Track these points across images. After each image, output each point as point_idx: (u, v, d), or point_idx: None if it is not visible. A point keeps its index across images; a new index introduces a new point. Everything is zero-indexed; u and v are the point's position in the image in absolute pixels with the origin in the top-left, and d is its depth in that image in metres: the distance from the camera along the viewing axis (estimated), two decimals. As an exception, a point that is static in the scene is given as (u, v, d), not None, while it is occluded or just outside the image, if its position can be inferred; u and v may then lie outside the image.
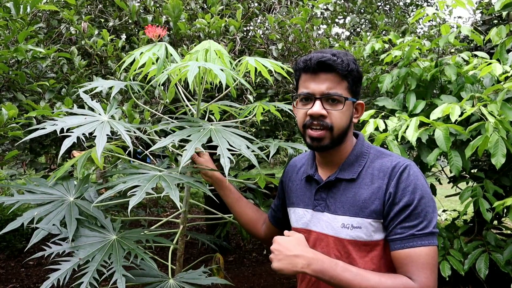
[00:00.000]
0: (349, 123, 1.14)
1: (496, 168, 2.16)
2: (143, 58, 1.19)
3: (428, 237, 1.05)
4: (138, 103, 1.48)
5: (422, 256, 1.04)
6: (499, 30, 2.43)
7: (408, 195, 1.07)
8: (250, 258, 4.85)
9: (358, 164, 1.15)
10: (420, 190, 1.08)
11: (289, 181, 1.32)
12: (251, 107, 1.51)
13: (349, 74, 1.10)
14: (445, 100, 2.49)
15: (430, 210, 1.07)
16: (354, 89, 1.14)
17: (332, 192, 1.16)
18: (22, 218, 1.16)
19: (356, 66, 1.12)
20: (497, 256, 2.61)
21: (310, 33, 2.76)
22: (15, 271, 4.46)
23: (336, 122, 1.11)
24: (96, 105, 1.29)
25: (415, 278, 1.03)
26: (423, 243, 1.04)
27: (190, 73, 1.09)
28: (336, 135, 1.12)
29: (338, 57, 1.09)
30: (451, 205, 6.89)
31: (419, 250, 1.04)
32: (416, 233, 1.05)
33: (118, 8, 2.73)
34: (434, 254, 1.06)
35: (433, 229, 1.07)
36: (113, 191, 1.08)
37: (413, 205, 1.06)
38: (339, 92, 1.10)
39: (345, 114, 1.12)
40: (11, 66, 2.20)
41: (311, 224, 1.19)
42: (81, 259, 1.10)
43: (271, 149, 1.36)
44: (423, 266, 1.03)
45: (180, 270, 1.39)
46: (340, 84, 1.10)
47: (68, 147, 1.11)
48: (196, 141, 1.13)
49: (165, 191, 1.07)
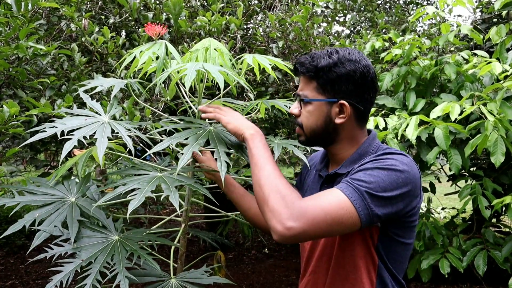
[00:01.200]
0: (322, 123, 1.12)
1: (495, 167, 2.17)
2: (143, 57, 1.18)
3: (354, 192, 0.94)
4: (138, 101, 1.48)
5: (331, 195, 0.95)
6: (499, 29, 2.44)
7: (370, 164, 1.01)
8: (249, 255, 4.86)
9: (359, 161, 1.12)
10: (385, 165, 0.99)
11: (306, 174, 1.34)
12: (254, 103, 1.51)
13: (316, 75, 1.09)
14: (445, 98, 2.49)
15: (380, 183, 0.96)
16: (328, 88, 1.09)
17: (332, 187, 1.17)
18: (24, 220, 1.16)
19: (332, 66, 1.07)
20: (496, 253, 2.63)
21: (311, 31, 2.76)
22: (15, 267, 4.47)
23: (304, 122, 1.14)
24: (96, 105, 1.29)
25: (306, 199, 0.95)
26: (344, 190, 0.95)
27: (187, 77, 1.09)
28: (308, 134, 1.15)
29: (314, 58, 1.09)
30: (450, 203, 6.91)
31: (335, 191, 0.96)
32: (349, 180, 0.98)
33: (119, 5, 2.73)
34: (344, 206, 0.93)
35: (365, 194, 0.94)
36: (113, 194, 1.08)
37: (368, 167, 1.00)
38: (306, 93, 1.12)
39: (313, 114, 1.12)
40: (12, 63, 2.20)
41: None
42: (84, 260, 1.10)
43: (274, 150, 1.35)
44: (322, 200, 0.94)
45: (182, 269, 1.39)
46: (308, 85, 1.12)
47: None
48: (193, 144, 1.13)
49: (164, 193, 1.07)
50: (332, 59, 1.08)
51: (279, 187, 0.97)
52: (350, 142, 1.17)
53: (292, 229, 0.90)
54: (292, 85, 2.81)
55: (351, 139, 1.17)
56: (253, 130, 1.13)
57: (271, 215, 0.94)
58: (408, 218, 1.06)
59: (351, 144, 1.17)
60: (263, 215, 0.98)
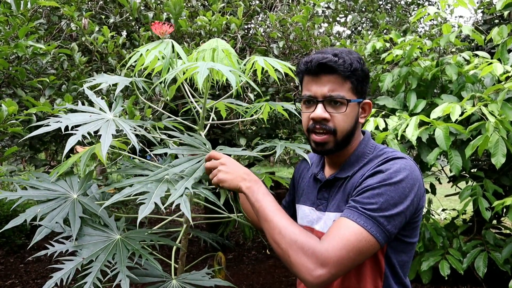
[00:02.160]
0: (354, 124, 1.11)
1: (496, 168, 2.16)
2: (149, 56, 1.17)
3: (369, 220, 0.94)
4: (142, 99, 1.47)
5: (347, 229, 0.94)
6: (500, 30, 2.43)
7: (376, 179, 0.99)
8: (249, 256, 4.85)
9: (358, 164, 1.12)
10: (392, 178, 0.98)
11: (299, 178, 1.32)
12: (258, 106, 1.50)
13: (352, 74, 1.06)
14: (445, 99, 2.49)
15: (390, 202, 0.96)
16: (359, 89, 1.09)
17: (332, 191, 1.15)
18: (25, 215, 1.14)
19: (360, 65, 1.08)
20: (496, 255, 2.62)
21: (311, 31, 2.76)
22: (14, 267, 4.46)
23: (339, 126, 1.08)
24: (101, 101, 1.28)
25: (325, 241, 0.94)
26: (357, 220, 0.94)
27: (200, 74, 1.07)
28: (340, 139, 1.09)
29: (340, 57, 1.05)
30: (451, 205, 6.90)
31: (350, 223, 0.94)
32: (359, 208, 0.96)
33: (119, 4, 2.72)
34: (362, 238, 0.93)
35: (379, 218, 0.94)
36: (120, 195, 1.06)
37: (374, 185, 0.98)
38: (342, 94, 1.06)
39: (349, 117, 1.08)
40: (11, 62, 2.19)
41: (315, 223, 1.19)
42: (85, 258, 1.09)
43: (277, 150, 1.35)
44: (341, 237, 0.93)
45: (183, 269, 1.38)
46: (343, 85, 1.07)
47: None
48: (190, 179, 1.12)
49: (175, 202, 1.03)
50: (357, 58, 1.08)
51: (294, 237, 0.96)
52: (356, 142, 1.16)
53: (322, 277, 0.92)
54: (292, 86, 2.80)
55: (358, 138, 1.17)
56: (249, 182, 1.08)
57: (297, 269, 0.94)
58: (416, 218, 1.06)
59: (354, 145, 1.16)
60: (289, 268, 0.98)
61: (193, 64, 1.13)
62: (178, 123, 1.52)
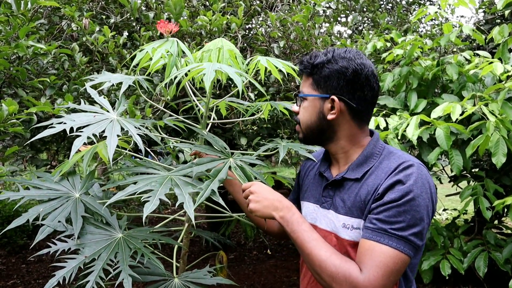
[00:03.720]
0: (317, 119, 1.14)
1: (496, 167, 2.16)
2: (156, 55, 1.17)
3: (400, 241, 0.97)
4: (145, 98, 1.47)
5: (383, 255, 0.96)
6: (501, 29, 2.43)
7: (397, 193, 0.99)
8: (250, 256, 4.85)
9: (367, 165, 1.12)
10: (412, 191, 0.99)
11: (305, 175, 1.33)
12: (259, 104, 1.51)
13: (312, 71, 1.13)
14: (446, 99, 2.49)
15: (416, 216, 0.98)
16: (322, 84, 1.12)
17: (339, 190, 1.15)
18: (28, 214, 1.14)
19: (329, 61, 1.11)
20: (497, 255, 2.62)
21: (312, 31, 2.76)
22: (16, 267, 4.45)
23: (301, 118, 1.18)
24: (104, 101, 1.28)
25: (365, 271, 0.96)
26: (390, 244, 0.96)
27: (206, 76, 1.08)
28: (304, 130, 1.18)
29: (312, 56, 1.13)
30: (452, 205, 6.90)
31: (384, 248, 0.96)
32: (389, 230, 0.97)
33: (120, 4, 2.72)
34: (398, 261, 0.96)
35: (409, 236, 0.97)
36: (124, 192, 1.06)
37: (398, 202, 0.98)
38: (303, 90, 1.16)
39: (308, 110, 1.15)
40: (12, 62, 2.19)
41: (318, 220, 1.19)
42: (87, 257, 1.09)
43: (280, 151, 1.35)
44: (379, 265, 0.95)
45: (184, 268, 1.39)
46: (305, 82, 1.16)
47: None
48: (215, 181, 1.14)
49: (179, 200, 1.04)
50: (327, 56, 1.12)
51: (335, 271, 0.98)
52: (350, 142, 1.16)
53: None
54: (293, 85, 2.80)
55: (349, 138, 1.17)
56: (281, 211, 1.10)
57: None
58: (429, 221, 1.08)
59: (351, 144, 1.16)
60: None
61: (200, 65, 1.14)
62: (179, 121, 1.52)
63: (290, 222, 1.07)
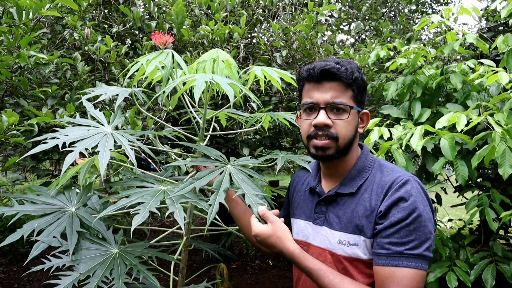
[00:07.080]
0: (354, 133, 1.11)
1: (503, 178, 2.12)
2: (149, 66, 1.16)
3: (417, 259, 0.98)
4: (141, 110, 1.46)
5: (406, 278, 0.96)
6: (505, 38, 2.41)
7: (403, 211, 0.99)
8: (253, 265, 4.81)
9: (360, 178, 1.11)
10: (417, 207, 1.00)
11: (294, 191, 1.30)
12: (259, 116, 1.49)
13: (353, 83, 1.08)
14: (451, 108, 2.46)
15: (425, 231, 0.99)
16: (359, 98, 1.11)
17: (332, 206, 1.13)
18: (22, 230, 1.13)
19: (360, 75, 1.09)
20: (504, 267, 2.57)
21: (315, 40, 2.75)
22: (17, 275, 4.44)
23: (341, 132, 1.08)
24: (99, 114, 1.27)
25: None
26: (409, 265, 0.97)
27: (196, 88, 1.06)
28: (341, 145, 1.08)
29: (342, 65, 1.07)
30: (457, 214, 6.82)
31: (405, 271, 0.96)
32: (405, 252, 0.98)
33: (122, 14, 2.73)
34: (420, 279, 0.97)
35: (424, 252, 0.98)
36: (116, 206, 1.05)
37: (407, 221, 0.99)
38: (344, 101, 1.07)
39: (351, 124, 1.09)
40: (14, 72, 2.19)
41: (311, 237, 1.16)
42: (82, 274, 1.07)
43: (278, 162, 1.33)
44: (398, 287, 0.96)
45: (183, 282, 1.36)
46: (345, 92, 1.08)
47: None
48: (220, 193, 1.12)
49: (169, 210, 1.03)
50: (357, 68, 1.10)
51: None
52: (354, 154, 1.15)
53: None
54: (296, 95, 2.79)
55: (356, 150, 1.16)
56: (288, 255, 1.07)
57: None
58: None
59: (353, 157, 1.15)
60: None
61: (191, 76, 1.12)
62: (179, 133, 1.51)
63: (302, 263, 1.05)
